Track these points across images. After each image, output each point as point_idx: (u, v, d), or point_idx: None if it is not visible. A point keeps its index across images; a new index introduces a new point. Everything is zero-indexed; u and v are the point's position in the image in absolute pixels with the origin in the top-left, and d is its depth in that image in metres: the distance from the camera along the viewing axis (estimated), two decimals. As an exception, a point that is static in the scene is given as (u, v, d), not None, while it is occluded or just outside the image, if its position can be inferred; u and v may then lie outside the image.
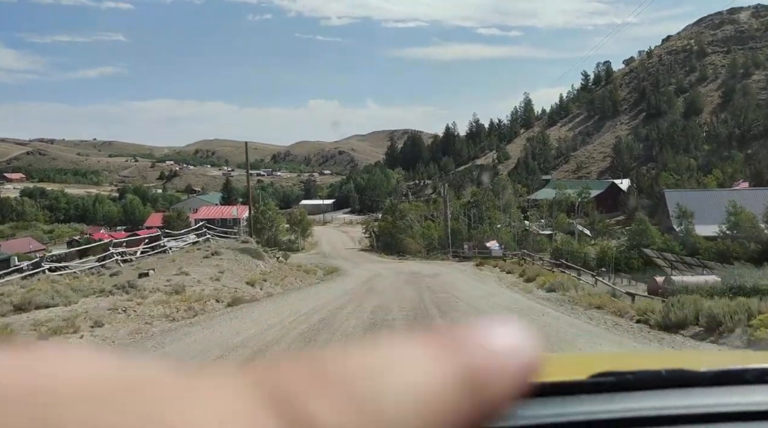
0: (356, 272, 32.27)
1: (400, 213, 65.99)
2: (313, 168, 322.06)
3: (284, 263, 44.37)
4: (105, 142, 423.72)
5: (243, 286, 18.82)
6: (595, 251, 43.18)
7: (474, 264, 34.17)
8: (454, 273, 25.61)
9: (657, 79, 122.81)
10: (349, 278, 26.23)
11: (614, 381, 1.03)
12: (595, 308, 12.54)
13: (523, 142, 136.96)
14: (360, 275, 27.22)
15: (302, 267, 45.82)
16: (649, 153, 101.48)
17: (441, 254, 47.90)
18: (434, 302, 14.80)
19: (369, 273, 29.42)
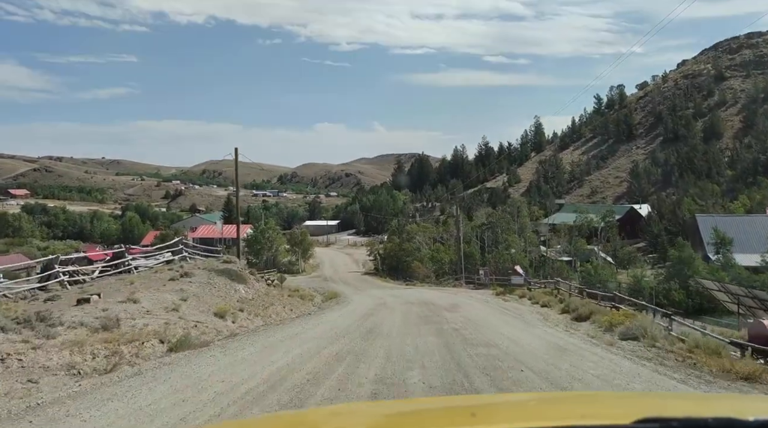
0: (358, 299, 28.00)
1: (407, 235, 61.69)
2: (319, 190, 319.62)
3: (278, 287, 40.00)
4: (113, 160, 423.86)
5: (208, 318, 14.59)
6: (626, 281, 38.82)
7: (494, 293, 29.81)
8: (476, 305, 21.30)
9: (674, 104, 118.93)
10: (348, 308, 21.94)
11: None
12: (743, 380, 7.82)
13: (535, 165, 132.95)
14: (361, 305, 22.96)
15: (298, 292, 41.56)
16: (668, 178, 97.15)
17: (452, 280, 43.56)
18: (476, 364, 9.57)
19: (372, 302, 25.15)
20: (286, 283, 53.47)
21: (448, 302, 22.11)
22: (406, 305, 21.82)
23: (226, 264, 22.85)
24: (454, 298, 25.49)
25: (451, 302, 22.08)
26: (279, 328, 15.53)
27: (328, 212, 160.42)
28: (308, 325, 15.76)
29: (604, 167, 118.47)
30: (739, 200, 75.75)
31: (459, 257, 43.65)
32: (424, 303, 22.03)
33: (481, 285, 38.44)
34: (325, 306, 27.20)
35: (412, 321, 15.42)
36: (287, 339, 12.91)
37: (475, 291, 34.01)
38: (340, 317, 18.25)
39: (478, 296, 27.47)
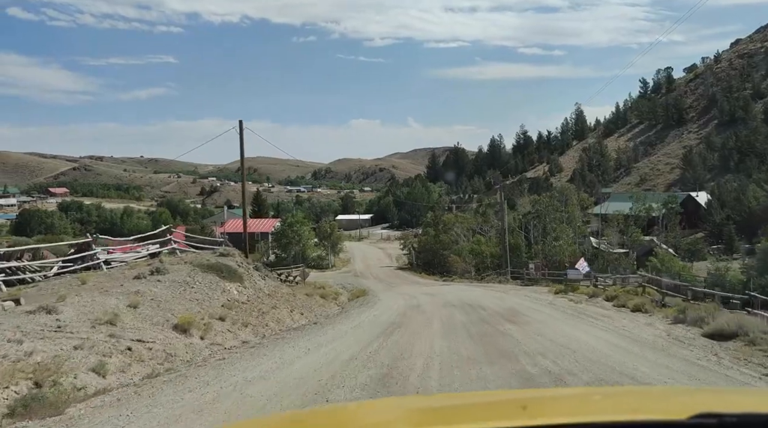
0: (386, 300, 23.35)
1: (444, 226, 56.67)
2: (353, 185, 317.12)
3: (300, 284, 35.74)
4: (151, 159, 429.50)
5: (162, 334, 10.06)
6: (702, 276, 33.19)
7: (552, 291, 24.70)
8: (542, 309, 16.32)
9: (729, 85, 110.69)
10: (369, 314, 17.29)
11: (715, 424, 0.98)
12: None
13: (577, 154, 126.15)
14: (389, 309, 18.36)
15: (323, 290, 37.21)
16: (726, 164, 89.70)
17: (496, 275, 38.47)
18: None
19: (403, 303, 20.43)
20: (311, 279, 49.17)
21: (503, 306, 17.22)
22: (446, 308, 17.04)
23: (221, 258, 18.38)
24: (506, 299, 20.56)
25: (507, 306, 17.18)
26: (262, 351, 10.76)
27: (362, 207, 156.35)
28: (298, 349, 10.81)
29: (653, 153, 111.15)
30: (811, 185, 68.40)
31: (503, 249, 38.51)
32: (470, 307, 17.19)
33: (531, 281, 33.27)
34: (347, 308, 22.64)
35: (462, 342, 10.32)
36: (258, 379, 7.93)
37: (526, 289, 28.91)
38: (353, 329, 13.51)
39: (535, 295, 22.44)
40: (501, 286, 31.41)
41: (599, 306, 16.20)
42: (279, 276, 34.58)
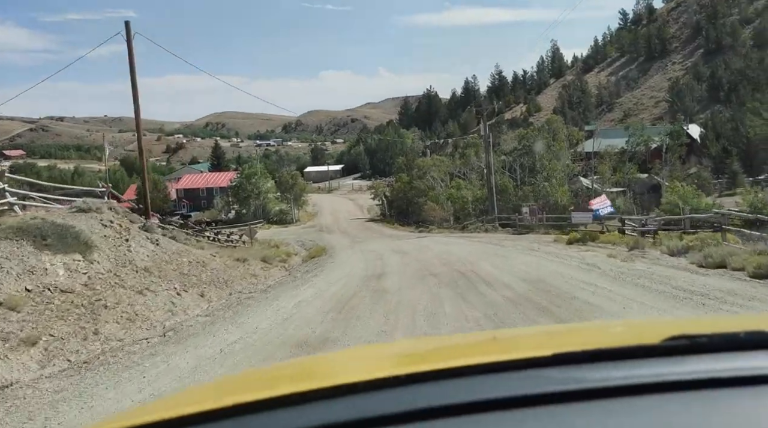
0: (346, 263, 17.27)
1: (419, 171, 50.29)
2: (325, 137, 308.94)
3: (237, 246, 29.41)
4: (115, 118, 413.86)
5: None
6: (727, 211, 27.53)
7: (559, 240, 18.68)
8: (603, 283, 9.34)
9: (714, 11, 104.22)
10: (312, 291, 11.02)
11: (688, 344, 1.02)
12: None
13: (555, 92, 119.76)
14: (344, 279, 12.11)
15: (275, 249, 31.03)
16: (716, 94, 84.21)
17: (481, 223, 32.40)
18: None
19: (364, 268, 14.39)
20: (266, 236, 42.65)
21: (515, 270, 10.93)
22: (423, 283, 10.68)
23: (73, 216, 11.75)
24: (511, 258, 14.35)
25: (521, 270, 10.88)
26: None
27: (333, 159, 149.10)
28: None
29: (636, 87, 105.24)
30: (812, 111, 63.13)
31: (489, 191, 32.32)
32: (464, 278, 10.87)
33: (526, 228, 27.23)
34: (275, 287, 16.43)
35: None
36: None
37: (523, 239, 22.85)
38: (260, 333, 7.20)
39: (545, 249, 16.27)
40: (490, 237, 25.28)
41: (688, 270, 9.77)
42: (213, 237, 28.06)
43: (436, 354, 1.43)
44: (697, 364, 0.96)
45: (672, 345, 1.00)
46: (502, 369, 0.97)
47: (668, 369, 0.94)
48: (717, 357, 0.98)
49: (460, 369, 0.97)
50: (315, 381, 1.00)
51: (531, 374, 0.95)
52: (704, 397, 0.89)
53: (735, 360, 0.97)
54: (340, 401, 0.88)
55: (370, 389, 0.90)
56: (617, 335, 1.50)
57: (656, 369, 0.94)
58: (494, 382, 0.93)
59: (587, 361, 0.98)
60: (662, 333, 1.04)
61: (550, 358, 0.99)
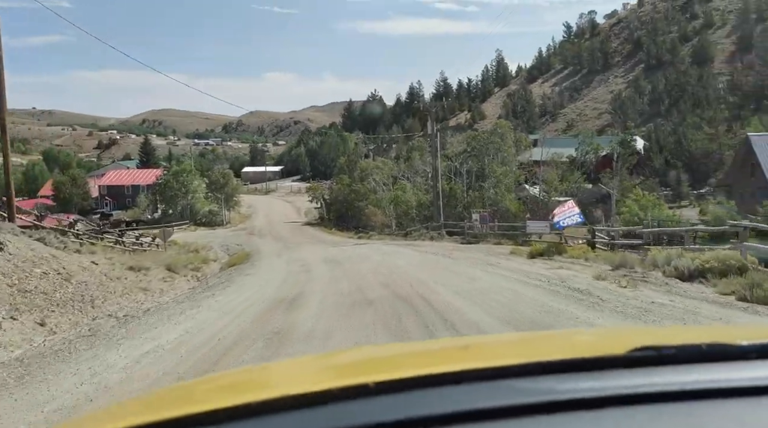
0: (265, 274, 14.08)
1: (360, 173, 47.20)
2: (266, 139, 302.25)
3: (146, 249, 25.72)
4: (45, 111, 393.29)
5: None
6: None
7: (517, 253, 15.92)
8: (607, 317, 6.33)
9: (655, 28, 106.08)
10: (200, 317, 7.46)
11: (653, 356, 1.02)
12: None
13: (500, 100, 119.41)
14: (242, 301, 8.76)
15: (194, 253, 27.43)
16: (657, 107, 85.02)
17: (426, 230, 29.54)
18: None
19: (280, 285, 11.17)
20: (190, 239, 38.72)
21: (484, 299, 7.87)
22: (356, 308, 7.55)
23: None
24: (466, 273, 11.34)
25: (493, 299, 7.82)
26: None
27: (273, 160, 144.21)
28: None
29: (579, 99, 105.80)
30: (751, 126, 63.90)
31: (435, 196, 29.47)
32: (405, 303, 7.79)
33: (475, 238, 24.49)
34: (195, 293, 13.04)
35: None
36: None
37: (473, 249, 20.04)
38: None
39: (504, 263, 13.36)
40: (437, 246, 22.36)
41: (731, 306, 6.88)
42: (117, 239, 24.05)
43: (400, 362, 1.32)
44: (663, 376, 0.96)
45: (638, 356, 1.00)
46: (470, 379, 0.95)
47: (634, 381, 0.94)
48: (683, 368, 0.99)
49: (424, 378, 0.94)
50: (252, 393, 0.93)
51: (499, 384, 0.94)
52: (671, 410, 0.89)
53: (700, 372, 0.98)
54: (290, 415, 0.82)
55: (320, 401, 0.85)
56: (585, 344, 1.47)
57: (622, 380, 0.94)
58: (462, 393, 0.91)
59: (555, 372, 0.97)
60: (628, 344, 1.04)
61: (518, 368, 0.98)
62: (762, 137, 38.23)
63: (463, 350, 1.41)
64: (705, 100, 76.73)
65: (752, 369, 1.00)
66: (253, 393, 0.88)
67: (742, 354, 1.04)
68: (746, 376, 0.97)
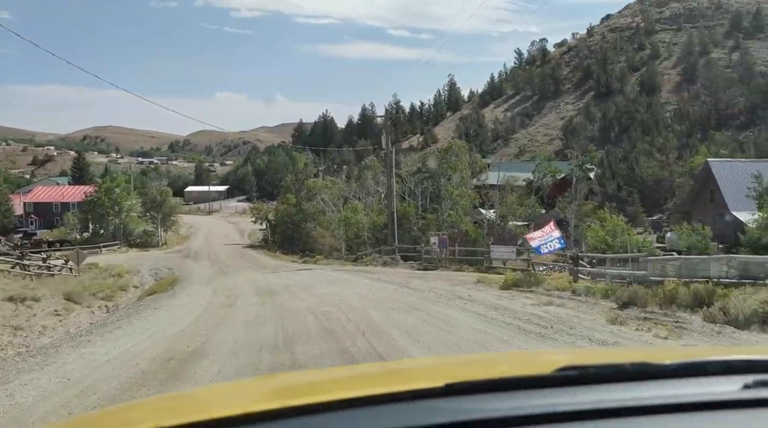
0: (179, 308, 10.99)
1: (309, 192, 44.26)
2: (214, 158, 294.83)
3: (55, 274, 22.35)
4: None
5: None
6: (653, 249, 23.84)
7: (491, 283, 13.42)
8: None
9: (604, 57, 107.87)
10: (41, 382, 4.34)
11: (578, 375, 1.05)
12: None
13: (452, 124, 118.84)
14: (117, 356, 5.54)
15: (116, 278, 24.15)
16: (607, 134, 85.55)
17: (378, 255, 26.84)
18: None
19: (186, 327, 8.05)
20: (120, 261, 35.03)
21: (469, 346, 5.22)
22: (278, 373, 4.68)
23: None
24: (436, 313, 8.68)
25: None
26: None
27: (219, 180, 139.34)
28: None
29: (531, 124, 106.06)
30: (698, 153, 64.40)
31: (390, 217, 26.85)
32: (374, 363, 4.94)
33: (433, 263, 21.93)
34: (78, 334, 9.86)
35: None
36: None
37: (432, 277, 17.44)
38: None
39: (476, 296, 10.82)
40: (391, 272, 19.66)
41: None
42: (15, 263, 20.48)
43: (324, 386, 1.33)
44: (587, 394, 0.97)
45: (562, 375, 1.02)
46: (393, 401, 0.95)
47: (559, 400, 0.95)
48: (606, 387, 1.00)
49: (349, 401, 0.95)
50: (182, 416, 0.94)
51: (422, 405, 0.94)
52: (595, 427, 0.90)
53: (623, 390, 0.99)
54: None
55: (242, 424, 0.85)
56: (511, 366, 1.48)
57: (548, 399, 0.95)
58: (385, 414, 0.92)
59: (480, 392, 0.98)
60: (553, 364, 1.05)
61: (443, 389, 0.97)
62: (721, 162, 37.41)
63: (388, 374, 1.37)
64: (654, 127, 77.43)
65: (674, 387, 1.02)
66: (179, 417, 0.88)
67: (665, 372, 1.06)
68: (668, 394, 0.99)
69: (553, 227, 13.74)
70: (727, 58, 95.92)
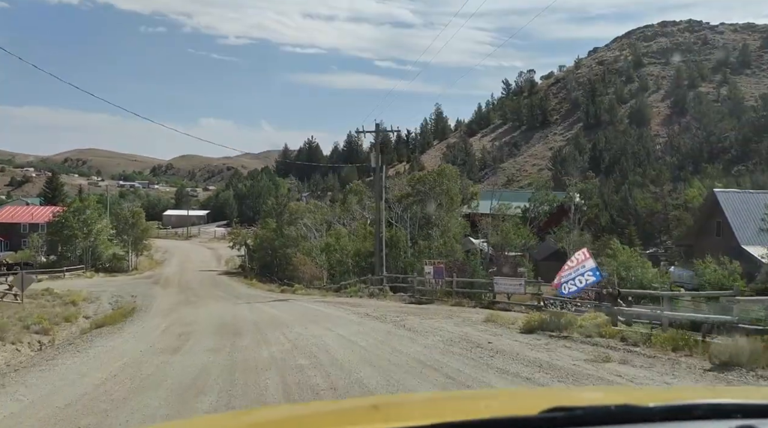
0: (105, 357, 7.89)
1: (291, 216, 41.53)
2: (197, 183, 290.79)
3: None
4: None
5: None
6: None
7: (503, 322, 10.79)
8: None
9: (593, 89, 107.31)
10: None
11: (564, 416, 1.06)
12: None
13: (439, 153, 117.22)
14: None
15: (64, 306, 20.99)
16: (597, 165, 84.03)
17: (364, 284, 24.10)
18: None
19: (85, 390, 5.05)
20: (81, 287, 32.04)
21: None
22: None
23: None
24: (461, 376, 5.93)
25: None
26: None
27: (200, 204, 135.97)
28: None
29: (519, 154, 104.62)
30: (691, 186, 62.91)
31: (377, 243, 24.21)
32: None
33: (426, 295, 19.26)
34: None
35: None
36: None
37: (429, 313, 14.84)
38: None
39: (497, 343, 8.14)
40: (380, 305, 16.96)
41: None
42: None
43: (314, 421, 1.31)
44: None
45: (549, 416, 1.03)
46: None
47: None
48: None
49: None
50: None
51: None
52: None
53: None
54: None
55: None
56: (498, 405, 1.45)
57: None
58: None
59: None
60: (539, 405, 1.05)
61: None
62: (729, 193, 35.42)
63: (373, 409, 1.36)
64: (646, 159, 76.08)
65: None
66: None
67: (650, 415, 1.06)
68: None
69: (586, 255, 11.09)
70: (716, 92, 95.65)
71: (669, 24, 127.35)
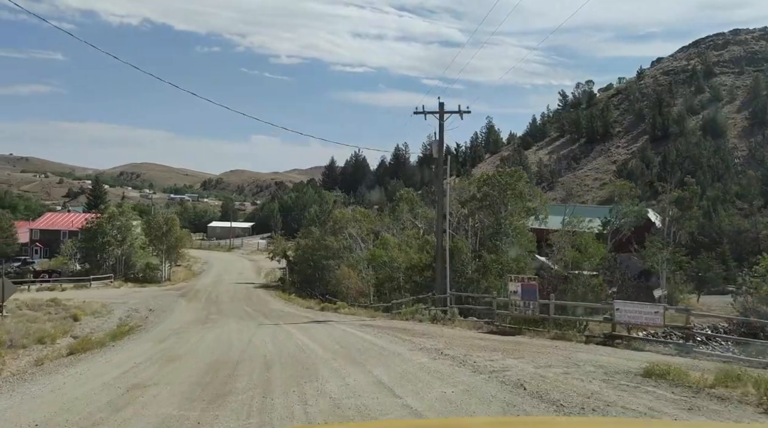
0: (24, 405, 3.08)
1: (334, 225, 37.14)
2: (245, 197, 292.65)
3: None
4: (21, 157, 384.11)
5: None
6: None
7: (668, 377, 5.76)
8: None
9: (659, 99, 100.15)
10: None
11: None
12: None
13: (491, 166, 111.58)
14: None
15: (62, 320, 15.53)
16: (665, 179, 77.05)
17: (423, 305, 19.27)
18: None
19: None
20: (99, 297, 28.53)
21: None
22: None
23: None
24: None
25: None
26: None
27: (245, 217, 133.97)
28: None
29: (578, 168, 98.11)
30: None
31: (438, 255, 19.43)
32: None
33: (512, 323, 14.33)
34: None
35: None
36: None
37: (532, 352, 9.90)
38: None
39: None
40: (448, 335, 12.19)
41: None
42: None
43: None
44: None
45: None
46: None
47: None
48: None
49: None
50: None
51: None
52: None
53: None
54: None
55: None
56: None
57: None
58: None
59: None
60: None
61: None
62: None
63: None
64: (726, 173, 69.00)
65: None
66: None
67: None
68: None
69: None
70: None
71: (742, 32, 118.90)
